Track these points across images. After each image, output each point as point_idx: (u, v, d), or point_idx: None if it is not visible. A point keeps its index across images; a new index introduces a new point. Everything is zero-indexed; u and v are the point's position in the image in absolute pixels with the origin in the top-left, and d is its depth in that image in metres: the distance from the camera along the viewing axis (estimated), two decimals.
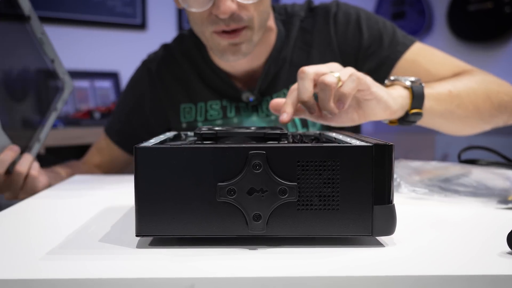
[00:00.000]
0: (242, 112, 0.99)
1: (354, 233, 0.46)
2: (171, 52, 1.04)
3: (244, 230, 0.46)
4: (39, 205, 0.70)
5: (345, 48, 0.97)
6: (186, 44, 1.03)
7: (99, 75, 2.46)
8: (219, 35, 0.86)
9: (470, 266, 0.42)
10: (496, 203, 0.67)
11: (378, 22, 0.97)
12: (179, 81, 1.02)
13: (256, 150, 0.45)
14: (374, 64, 0.95)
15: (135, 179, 0.46)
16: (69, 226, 0.56)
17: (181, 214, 0.46)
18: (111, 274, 0.40)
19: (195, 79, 1.01)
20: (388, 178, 0.46)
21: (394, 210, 0.47)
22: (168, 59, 1.03)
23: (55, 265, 0.43)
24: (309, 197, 0.45)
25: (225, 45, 0.87)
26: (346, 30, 0.97)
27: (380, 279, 0.40)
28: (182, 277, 0.40)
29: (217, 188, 0.45)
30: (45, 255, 0.45)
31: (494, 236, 0.51)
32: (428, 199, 0.70)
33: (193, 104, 1.01)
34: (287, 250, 0.46)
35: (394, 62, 0.93)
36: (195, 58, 1.01)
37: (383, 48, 0.95)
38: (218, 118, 0.99)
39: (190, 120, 1.01)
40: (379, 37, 0.95)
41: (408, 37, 0.96)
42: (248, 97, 0.97)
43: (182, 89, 1.02)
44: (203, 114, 1.00)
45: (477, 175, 0.76)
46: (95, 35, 2.55)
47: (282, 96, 0.98)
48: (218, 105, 1.00)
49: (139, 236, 0.46)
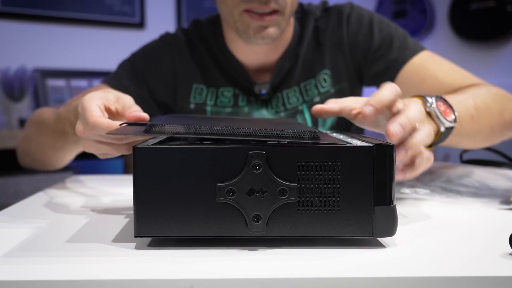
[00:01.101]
0: (253, 103, 0.99)
1: (355, 235, 0.46)
2: (188, 35, 1.03)
3: (243, 231, 0.45)
4: (36, 206, 0.69)
5: (356, 49, 0.98)
6: (203, 29, 1.03)
7: (97, 75, 2.46)
8: (249, 15, 0.87)
9: (472, 267, 0.42)
10: (498, 204, 0.66)
11: (390, 27, 0.98)
12: (196, 61, 1.01)
13: (256, 150, 0.44)
14: (382, 66, 0.96)
15: (133, 180, 0.45)
16: (67, 227, 0.56)
17: (180, 215, 0.45)
18: (109, 276, 0.40)
19: (211, 64, 1.01)
20: (389, 178, 0.45)
21: (395, 211, 0.46)
22: (186, 40, 1.03)
23: (52, 267, 0.42)
24: (310, 198, 0.45)
25: (255, 27, 0.88)
26: (358, 31, 0.98)
27: (381, 281, 0.39)
28: (181, 278, 0.39)
29: (217, 188, 0.45)
30: (41, 257, 0.45)
31: (496, 237, 0.51)
32: (430, 200, 0.70)
33: (206, 86, 1.00)
34: (287, 251, 0.46)
35: (401, 65, 0.93)
36: (211, 44, 1.01)
37: (392, 51, 0.95)
38: (229, 106, 0.99)
39: (199, 102, 1.00)
40: (390, 40, 0.96)
41: (418, 44, 0.97)
42: (260, 90, 0.98)
43: (197, 69, 1.01)
44: (213, 99, 0.99)
45: (479, 175, 0.75)
46: (93, 34, 2.54)
47: (293, 93, 0.99)
48: (230, 92, 0.99)
49: (137, 237, 0.46)
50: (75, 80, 2.44)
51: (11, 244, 0.49)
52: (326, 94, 0.99)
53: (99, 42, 2.54)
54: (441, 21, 2.96)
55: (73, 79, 2.44)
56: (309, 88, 0.99)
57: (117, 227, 0.55)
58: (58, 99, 2.38)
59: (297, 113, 0.99)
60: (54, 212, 0.65)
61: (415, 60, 0.93)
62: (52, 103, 2.36)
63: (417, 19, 2.97)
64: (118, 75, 1.00)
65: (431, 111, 0.64)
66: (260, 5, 0.85)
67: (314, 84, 0.99)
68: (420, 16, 2.97)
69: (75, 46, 2.50)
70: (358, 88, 1.02)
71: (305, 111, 0.99)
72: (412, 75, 0.93)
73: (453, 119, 0.66)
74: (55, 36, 2.46)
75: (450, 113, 0.66)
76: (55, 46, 2.45)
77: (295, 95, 0.99)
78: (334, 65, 0.99)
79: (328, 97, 0.99)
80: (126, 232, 0.52)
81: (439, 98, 0.66)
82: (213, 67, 1.00)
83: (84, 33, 2.52)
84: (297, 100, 0.99)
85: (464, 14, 2.79)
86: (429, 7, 2.96)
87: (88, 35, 2.53)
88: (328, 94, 0.99)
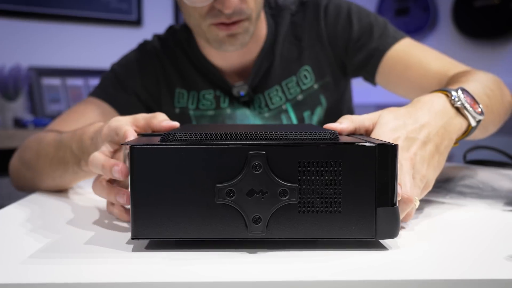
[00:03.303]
0: (235, 104, 0.98)
1: (357, 236, 0.45)
2: (165, 42, 1.03)
3: (243, 233, 0.44)
4: (32, 207, 0.68)
5: (335, 40, 0.97)
6: (178, 36, 1.02)
7: (93, 73, 2.44)
8: (217, 27, 0.86)
9: (475, 270, 0.41)
10: (502, 205, 0.65)
11: (369, 16, 0.97)
12: (174, 67, 1.01)
13: (256, 150, 0.43)
14: (364, 56, 0.94)
15: (130, 180, 0.44)
16: (63, 229, 0.55)
17: (178, 216, 0.44)
18: (106, 278, 0.39)
19: (190, 68, 1.00)
20: (391, 179, 0.45)
21: (398, 212, 0.46)
22: (163, 47, 1.02)
23: (47, 269, 0.41)
24: (311, 199, 0.44)
25: (223, 36, 0.87)
26: (336, 22, 0.97)
27: (383, 284, 0.39)
28: (179, 281, 0.39)
29: (216, 189, 0.44)
30: (37, 258, 0.44)
31: (500, 239, 0.50)
32: (433, 201, 0.68)
33: (186, 90, 1.00)
34: (287, 253, 0.45)
35: (382, 53, 0.92)
36: (186, 50, 1.01)
37: (373, 40, 0.94)
38: (211, 108, 0.99)
39: (183, 106, 1.00)
40: (370, 30, 0.95)
41: (399, 32, 0.96)
42: (238, 92, 0.97)
43: (177, 74, 1.01)
44: (194, 103, 0.99)
45: (483, 176, 0.74)
46: (89, 31, 2.53)
47: (275, 92, 0.97)
48: (211, 94, 0.99)
49: (135, 239, 0.45)
50: (70, 78, 2.43)
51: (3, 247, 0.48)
52: (309, 90, 0.98)
53: (95, 40, 2.53)
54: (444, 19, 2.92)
55: (68, 77, 2.42)
56: (291, 86, 0.98)
57: (114, 228, 0.54)
58: (54, 98, 2.36)
59: (281, 113, 0.98)
60: (48, 214, 0.64)
61: (397, 47, 0.92)
62: (47, 102, 2.34)
63: (419, 16, 2.93)
64: (103, 85, 1.00)
65: (460, 106, 0.60)
66: (227, 19, 0.84)
67: (295, 81, 0.98)
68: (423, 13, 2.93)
69: (71, 44, 2.48)
70: (342, 81, 1.01)
71: (290, 109, 0.98)
72: (395, 62, 0.91)
73: (480, 111, 0.62)
74: (51, 33, 2.44)
75: (476, 104, 0.62)
76: (51, 44, 2.43)
77: (277, 95, 0.98)
78: (315, 60, 0.98)
79: (311, 93, 0.98)
80: (123, 234, 0.51)
81: (463, 90, 0.62)
82: (192, 71, 1.00)
83: (80, 31, 2.51)
84: (280, 99, 0.98)
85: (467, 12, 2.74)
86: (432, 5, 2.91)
87: (84, 32, 2.51)
88: (311, 90, 0.98)
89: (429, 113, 0.57)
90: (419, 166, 0.54)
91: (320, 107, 0.99)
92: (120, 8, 2.60)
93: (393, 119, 0.56)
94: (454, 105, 0.60)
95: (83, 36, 2.51)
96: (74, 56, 2.47)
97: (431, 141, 0.56)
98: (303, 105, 0.98)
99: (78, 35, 2.50)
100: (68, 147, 0.71)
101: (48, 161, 0.77)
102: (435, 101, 0.59)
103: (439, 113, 0.58)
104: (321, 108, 0.99)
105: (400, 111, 0.57)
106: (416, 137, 0.55)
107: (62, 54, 2.45)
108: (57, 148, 0.75)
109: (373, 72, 0.95)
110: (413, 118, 0.56)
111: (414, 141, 0.55)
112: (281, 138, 0.46)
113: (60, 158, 0.74)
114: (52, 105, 2.35)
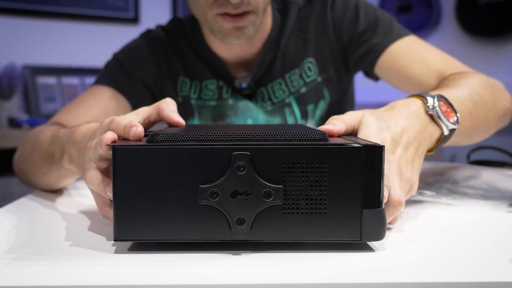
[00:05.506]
0: (237, 95, 0.98)
1: (343, 238, 0.44)
2: (169, 31, 1.03)
3: (227, 234, 0.44)
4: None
5: (341, 33, 0.97)
6: (183, 27, 1.02)
7: (90, 72, 2.43)
8: (223, 18, 0.86)
9: (479, 272, 0.41)
10: (507, 206, 0.64)
11: (376, 11, 0.97)
12: (178, 55, 1.01)
13: (240, 151, 0.43)
14: (364, 50, 0.95)
15: (113, 181, 0.44)
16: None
17: (161, 218, 0.44)
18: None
19: (193, 58, 1.00)
20: (378, 180, 0.44)
21: (384, 214, 0.45)
22: (167, 36, 1.02)
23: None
24: (295, 201, 0.44)
25: (229, 28, 0.87)
26: (343, 16, 0.97)
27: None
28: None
29: (199, 190, 0.43)
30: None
31: (504, 241, 0.50)
32: (435, 202, 0.67)
33: (189, 79, 1.00)
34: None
35: (383, 48, 0.92)
36: (191, 40, 1.01)
37: (377, 35, 0.94)
38: (213, 99, 0.99)
39: (185, 95, 1.00)
40: (375, 25, 0.95)
41: (404, 30, 0.96)
42: (240, 84, 0.97)
43: (180, 63, 1.00)
44: (197, 92, 0.99)
45: (487, 176, 0.73)
46: (85, 29, 2.52)
47: (278, 85, 0.97)
48: (214, 84, 0.99)
49: (117, 240, 0.44)
50: (66, 77, 2.41)
51: None
52: (312, 83, 0.98)
53: (92, 38, 2.51)
54: (448, 16, 2.88)
55: (64, 76, 2.41)
56: (294, 79, 0.98)
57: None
58: (49, 97, 2.35)
59: (284, 106, 0.98)
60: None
61: (400, 43, 0.92)
62: (43, 101, 2.33)
63: (422, 14, 2.89)
64: (107, 73, 0.99)
65: (433, 113, 0.60)
66: (233, 9, 0.84)
67: (298, 73, 0.98)
68: (425, 11, 2.88)
69: (67, 42, 2.46)
70: (345, 76, 1.01)
71: (293, 103, 0.98)
72: (396, 58, 0.91)
73: (455, 120, 0.62)
74: (46, 31, 2.43)
75: (452, 113, 0.62)
76: (46, 42, 2.42)
77: (280, 88, 0.98)
78: (319, 53, 0.98)
79: (315, 86, 0.98)
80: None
81: (440, 97, 0.62)
82: (195, 60, 1.00)
83: (76, 29, 2.49)
84: (283, 92, 0.98)
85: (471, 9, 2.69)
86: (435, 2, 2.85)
87: (80, 30, 2.50)
88: (315, 83, 0.98)
89: (406, 118, 0.57)
90: (404, 169, 0.53)
91: (323, 101, 0.99)
92: (117, 5, 2.58)
93: (376, 120, 0.55)
94: (428, 112, 0.60)
95: (79, 34, 2.50)
96: (70, 54, 2.45)
97: (411, 144, 0.56)
98: (307, 98, 0.98)
99: (74, 33, 2.49)
100: (59, 141, 0.69)
101: (40, 155, 0.75)
102: (411, 106, 0.60)
103: (414, 118, 0.58)
104: (324, 102, 0.99)
105: (381, 113, 0.57)
106: (399, 140, 0.55)
107: (57, 52, 2.43)
108: (51, 143, 0.73)
109: (372, 64, 0.94)
110: (393, 121, 0.56)
111: (398, 144, 0.54)
112: (265, 138, 0.45)
113: (50, 152, 0.72)
114: (48, 104, 2.34)
